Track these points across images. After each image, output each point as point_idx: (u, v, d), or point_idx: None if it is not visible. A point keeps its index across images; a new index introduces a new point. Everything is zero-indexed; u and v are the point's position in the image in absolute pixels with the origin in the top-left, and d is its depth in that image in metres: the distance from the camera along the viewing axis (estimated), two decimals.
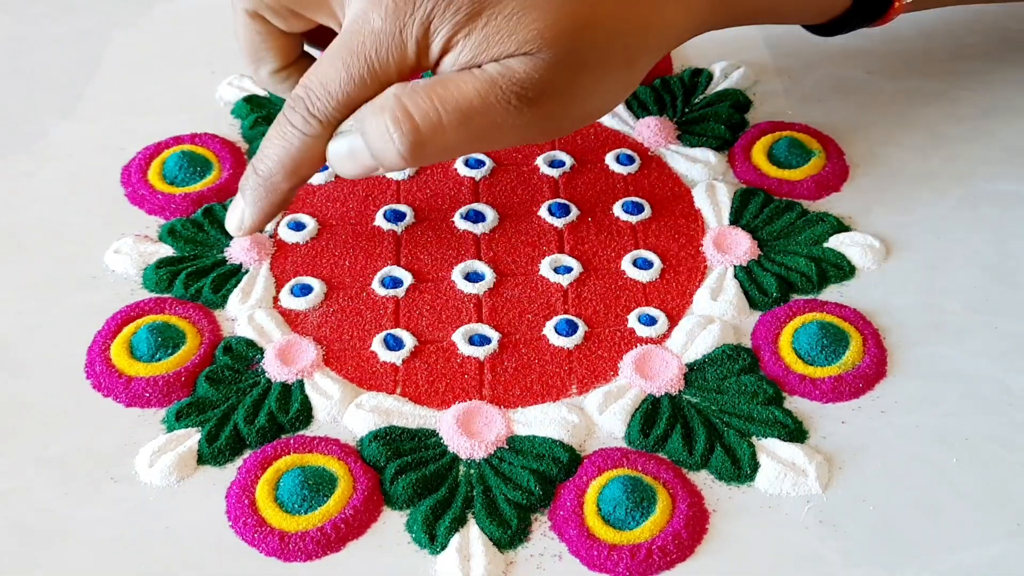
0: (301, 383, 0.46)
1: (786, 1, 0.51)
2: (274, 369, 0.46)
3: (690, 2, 0.46)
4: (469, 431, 0.44)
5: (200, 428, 0.44)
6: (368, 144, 0.43)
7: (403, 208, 0.52)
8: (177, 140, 0.56)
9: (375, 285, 0.49)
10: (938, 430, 0.44)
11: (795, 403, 0.45)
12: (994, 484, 0.42)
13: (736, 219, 0.52)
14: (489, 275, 0.50)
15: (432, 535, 0.41)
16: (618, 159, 0.55)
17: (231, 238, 0.50)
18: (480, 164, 0.54)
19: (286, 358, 0.46)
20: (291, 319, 0.48)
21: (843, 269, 0.50)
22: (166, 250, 0.51)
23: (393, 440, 0.44)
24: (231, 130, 0.57)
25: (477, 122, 0.42)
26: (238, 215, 0.49)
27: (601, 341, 0.47)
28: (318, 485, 0.42)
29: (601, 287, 0.49)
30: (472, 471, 0.43)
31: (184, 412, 0.45)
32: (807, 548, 0.41)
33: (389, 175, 0.54)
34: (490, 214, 0.52)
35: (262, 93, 0.58)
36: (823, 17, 0.53)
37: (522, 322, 0.48)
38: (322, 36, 0.50)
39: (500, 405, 0.45)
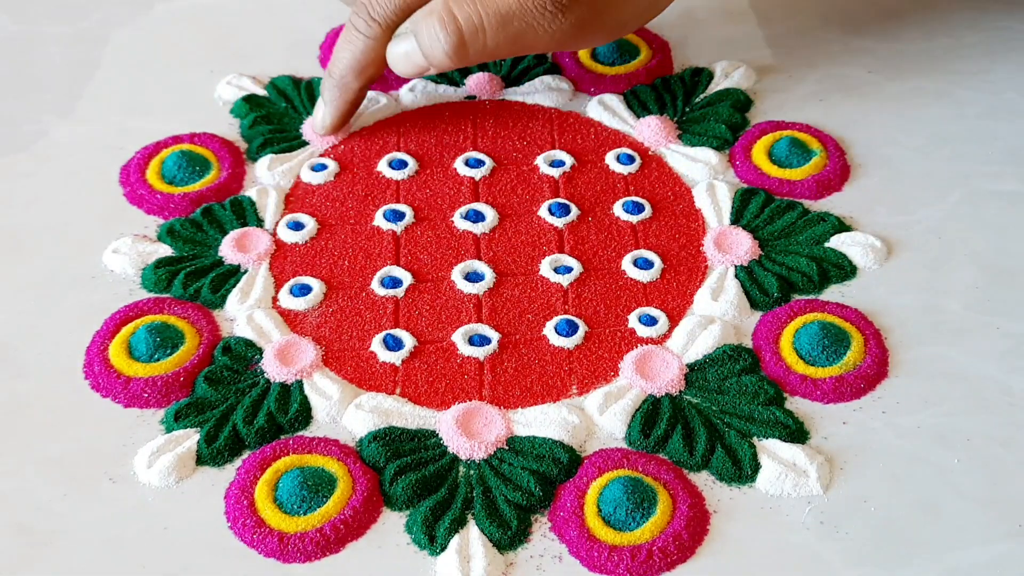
0: (300, 383, 0.45)
1: None
2: (273, 369, 0.46)
3: None
4: (469, 432, 0.44)
5: (199, 429, 0.44)
6: (420, 45, 0.49)
7: (403, 208, 0.52)
8: (176, 139, 0.56)
9: (375, 285, 0.49)
10: (939, 430, 0.44)
11: (796, 403, 0.45)
12: (995, 484, 0.42)
13: (737, 219, 0.52)
14: (489, 275, 0.49)
15: (432, 536, 0.41)
16: (618, 158, 0.55)
17: (226, 234, 0.51)
18: (480, 164, 0.54)
19: (285, 358, 0.46)
20: (290, 319, 0.48)
21: (844, 269, 0.50)
22: (165, 250, 0.51)
23: (393, 441, 0.44)
24: (230, 129, 0.57)
25: (515, 25, 0.48)
26: (320, 115, 0.55)
27: (601, 341, 0.47)
28: (317, 486, 0.42)
29: (601, 287, 0.49)
30: (472, 472, 0.43)
31: (183, 412, 0.44)
32: (808, 549, 0.41)
33: (388, 175, 0.54)
34: (490, 214, 0.52)
35: (261, 92, 0.58)
36: None
37: (522, 322, 0.48)
38: None
39: (500, 405, 0.45)
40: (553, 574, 0.40)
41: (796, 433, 0.44)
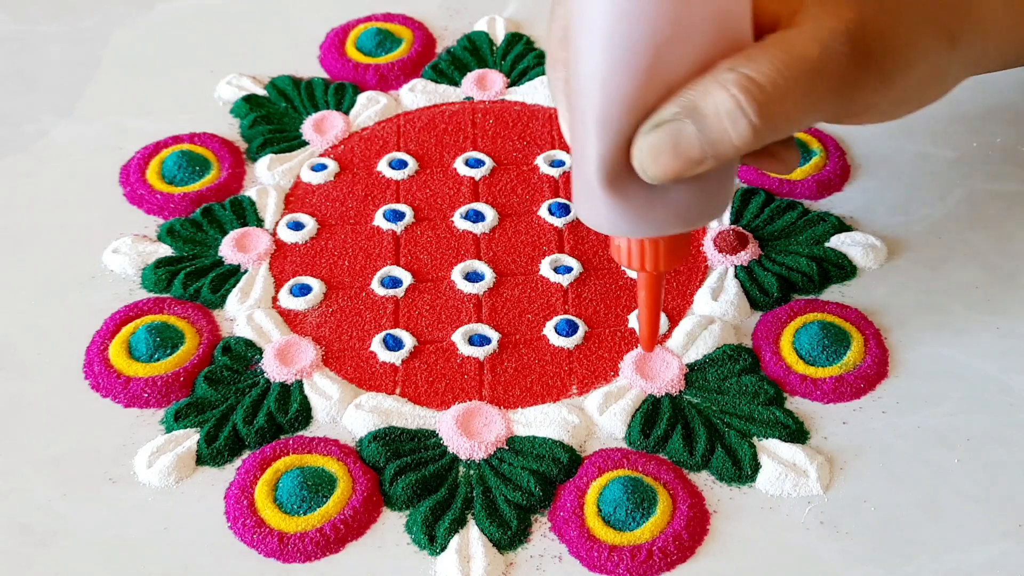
0: (300, 383, 0.45)
1: None
2: (273, 369, 0.46)
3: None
4: (469, 431, 0.44)
5: (199, 428, 0.44)
6: (705, 127, 0.37)
7: (403, 208, 0.52)
8: (176, 139, 0.56)
9: (374, 285, 0.49)
10: (939, 430, 0.44)
11: (796, 403, 0.45)
12: (995, 484, 0.42)
13: (737, 219, 0.52)
14: (489, 275, 0.49)
15: (432, 536, 0.41)
16: None
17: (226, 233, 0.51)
18: (480, 164, 0.54)
19: (285, 358, 0.46)
20: (290, 319, 0.48)
21: (844, 269, 0.50)
22: (165, 250, 0.51)
23: (392, 441, 0.44)
24: (230, 129, 0.57)
25: (821, 86, 0.38)
26: None
27: (601, 341, 0.47)
28: (317, 486, 0.42)
29: (601, 287, 0.49)
30: (472, 472, 0.43)
31: (183, 412, 0.44)
32: (808, 549, 0.41)
33: (388, 175, 0.54)
34: (490, 214, 0.52)
35: (261, 92, 0.58)
36: None
37: (522, 322, 0.48)
38: None
39: (500, 405, 0.45)
40: (553, 574, 0.40)
41: (796, 433, 0.44)
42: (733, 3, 0.37)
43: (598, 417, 0.44)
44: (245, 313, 0.48)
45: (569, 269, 0.50)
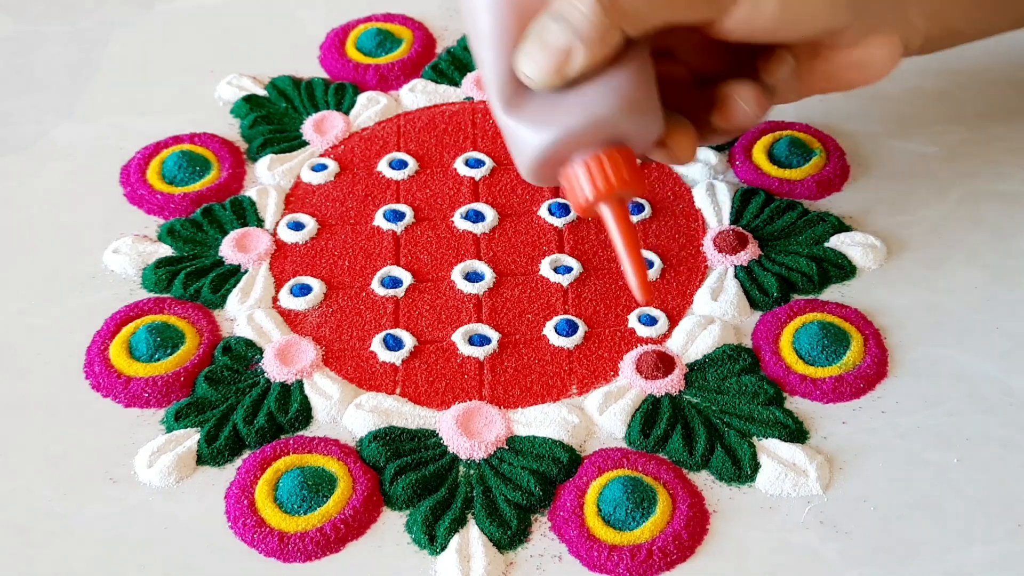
0: (300, 383, 0.45)
1: None
2: (273, 369, 0.46)
3: None
4: (469, 431, 0.44)
5: (199, 428, 0.44)
6: (561, 16, 0.40)
7: (403, 208, 0.52)
8: (176, 140, 0.56)
9: (375, 285, 0.49)
10: (939, 430, 0.44)
11: (796, 403, 0.45)
12: (994, 484, 0.42)
13: (737, 219, 0.52)
14: (489, 275, 0.49)
15: (432, 536, 0.41)
16: None
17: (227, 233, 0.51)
18: (480, 164, 0.54)
19: (285, 358, 0.46)
20: (290, 319, 0.48)
21: (844, 269, 0.50)
22: (165, 250, 0.51)
23: (393, 440, 0.44)
24: (230, 129, 0.57)
25: None
26: None
27: (601, 341, 0.47)
28: (317, 485, 0.42)
29: (601, 287, 0.49)
30: (472, 471, 0.43)
31: (183, 412, 0.44)
32: (808, 548, 0.41)
33: (388, 175, 0.54)
34: (490, 214, 0.52)
35: (261, 92, 0.58)
36: None
37: (522, 322, 0.48)
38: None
39: (500, 405, 0.45)
40: (553, 574, 0.40)
41: (796, 433, 0.44)
42: None
43: (598, 417, 0.44)
44: (245, 313, 0.48)
45: (569, 269, 0.50)
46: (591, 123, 0.41)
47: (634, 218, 0.52)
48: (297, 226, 0.52)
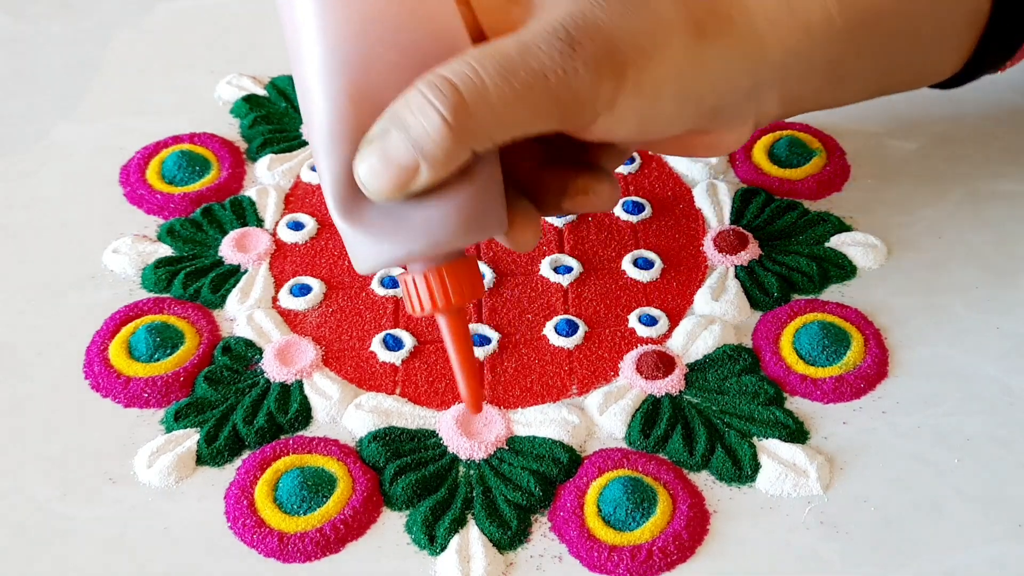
0: (300, 383, 0.45)
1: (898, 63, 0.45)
2: (273, 369, 0.46)
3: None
4: (469, 432, 0.44)
5: (199, 428, 0.44)
6: (405, 129, 0.36)
7: None
8: (176, 139, 0.56)
9: (374, 285, 0.49)
10: (939, 430, 0.44)
11: (796, 403, 0.45)
12: (994, 484, 0.42)
13: (737, 219, 0.52)
14: (489, 275, 0.49)
15: (432, 536, 0.41)
16: None
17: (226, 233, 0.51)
18: None
19: (285, 358, 0.46)
20: (290, 319, 0.48)
21: (844, 269, 0.50)
22: (165, 250, 0.51)
23: (392, 441, 0.44)
24: (230, 129, 0.57)
25: (521, 75, 0.36)
26: None
27: (601, 341, 0.47)
28: (317, 486, 0.42)
29: (601, 287, 0.49)
30: (472, 472, 0.43)
31: (183, 412, 0.44)
32: (808, 549, 0.41)
33: None
34: None
35: (261, 92, 0.58)
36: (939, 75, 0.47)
37: (522, 322, 0.48)
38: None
39: (500, 405, 0.45)
40: (553, 574, 0.40)
41: (796, 433, 0.44)
42: (438, 21, 0.37)
43: (598, 417, 0.44)
44: (245, 313, 0.48)
45: (569, 269, 0.50)
46: (433, 246, 0.38)
47: (634, 218, 0.52)
48: (297, 226, 0.52)
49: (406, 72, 0.36)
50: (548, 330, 0.47)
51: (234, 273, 0.50)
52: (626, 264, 0.50)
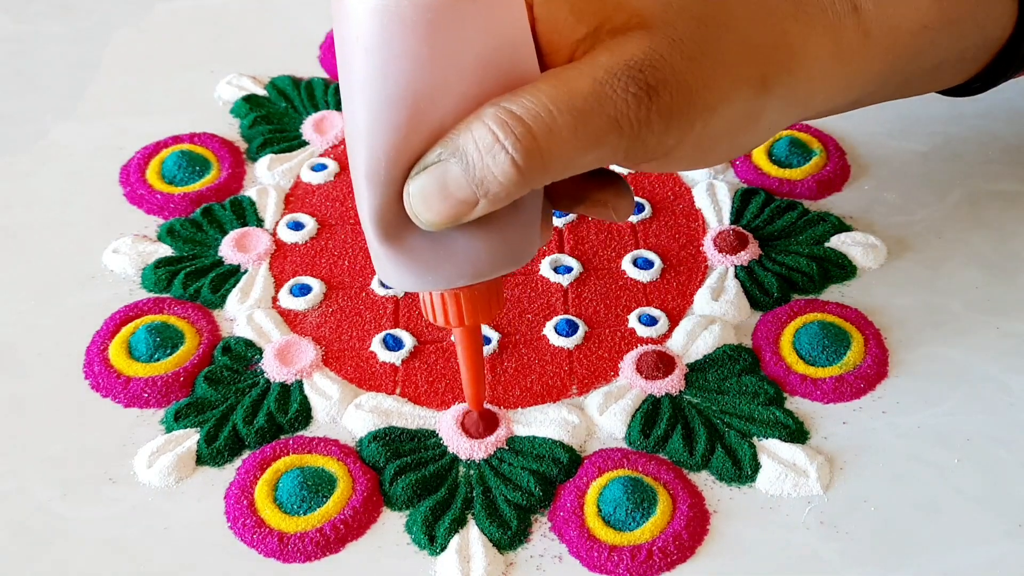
0: (300, 383, 0.45)
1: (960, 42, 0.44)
2: (273, 369, 0.46)
3: (841, 41, 0.40)
4: (469, 432, 0.44)
5: (199, 428, 0.44)
6: (468, 165, 0.35)
7: None
8: (176, 139, 0.56)
9: (374, 285, 0.49)
10: (939, 430, 0.44)
11: (796, 403, 0.45)
12: (994, 484, 0.42)
13: (737, 219, 0.52)
14: None
15: (432, 536, 0.41)
16: None
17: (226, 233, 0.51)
18: None
19: (285, 358, 0.46)
20: (290, 319, 0.48)
21: (844, 269, 0.50)
22: (165, 250, 0.51)
23: (392, 441, 0.43)
24: (230, 129, 0.57)
25: (595, 123, 0.36)
26: None
27: (601, 341, 0.47)
28: (317, 486, 0.42)
29: (601, 287, 0.49)
30: (472, 472, 0.43)
31: (183, 412, 0.44)
32: (808, 549, 0.41)
33: None
34: None
35: (261, 92, 0.58)
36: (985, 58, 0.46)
37: (522, 322, 0.48)
38: None
39: (500, 405, 0.45)
40: (553, 574, 0.40)
41: (796, 433, 0.44)
42: (504, 48, 0.35)
43: (598, 417, 0.44)
44: (245, 313, 0.48)
45: (569, 269, 0.50)
46: (475, 277, 0.37)
47: (634, 218, 0.52)
48: (297, 226, 0.52)
49: (463, 101, 0.35)
50: (548, 330, 0.47)
51: (234, 273, 0.50)
52: (626, 264, 0.50)
